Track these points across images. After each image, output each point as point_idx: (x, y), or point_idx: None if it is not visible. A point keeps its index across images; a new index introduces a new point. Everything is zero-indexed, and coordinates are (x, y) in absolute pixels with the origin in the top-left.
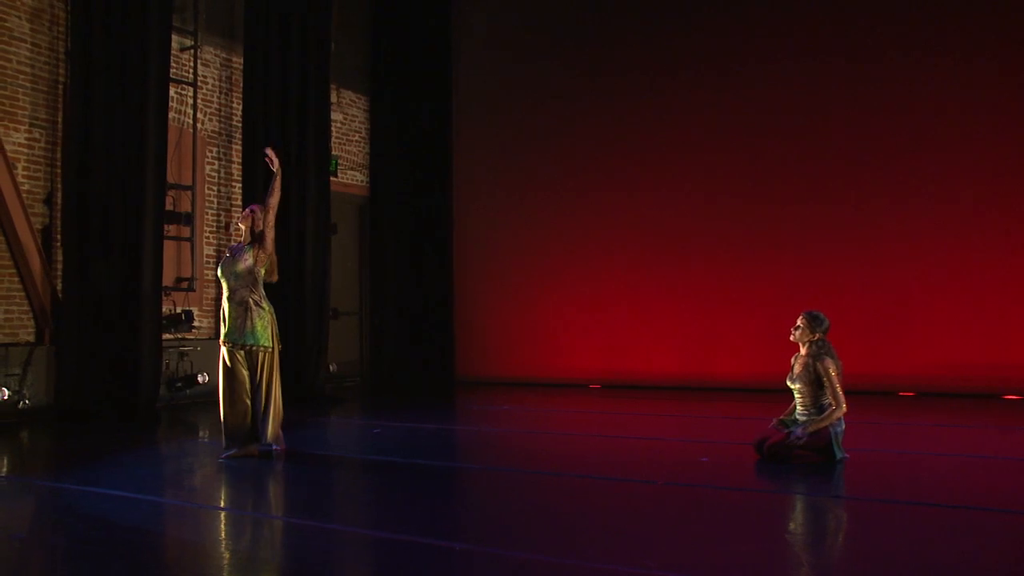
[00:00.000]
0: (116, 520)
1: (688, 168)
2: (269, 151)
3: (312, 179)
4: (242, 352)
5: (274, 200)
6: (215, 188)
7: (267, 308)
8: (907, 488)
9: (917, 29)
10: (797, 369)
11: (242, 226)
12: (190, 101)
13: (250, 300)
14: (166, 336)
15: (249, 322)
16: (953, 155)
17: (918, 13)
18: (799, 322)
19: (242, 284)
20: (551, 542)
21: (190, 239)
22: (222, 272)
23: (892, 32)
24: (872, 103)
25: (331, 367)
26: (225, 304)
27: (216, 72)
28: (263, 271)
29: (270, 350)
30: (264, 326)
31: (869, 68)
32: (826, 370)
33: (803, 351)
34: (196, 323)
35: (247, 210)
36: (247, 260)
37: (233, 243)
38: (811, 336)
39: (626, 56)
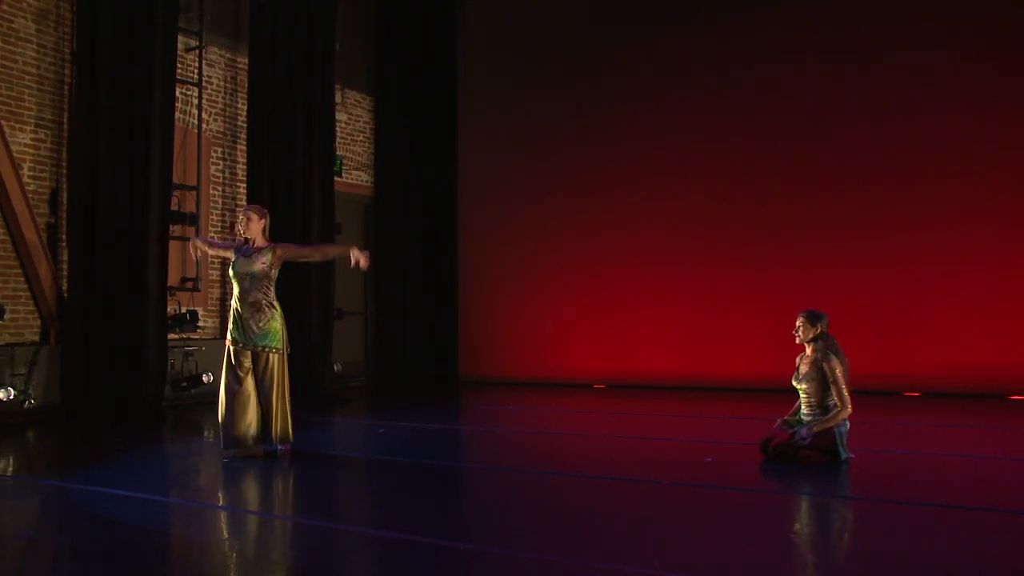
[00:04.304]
0: (122, 520)
1: (693, 169)
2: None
3: (317, 179)
4: (250, 353)
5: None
6: (220, 188)
7: (278, 310)
8: (912, 488)
9: (923, 29)
10: (803, 369)
11: (254, 227)
12: (195, 101)
13: (264, 301)
14: (171, 336)
15: (262, 323)
16: (961, 154)
17: (923, 13)
18: (798, 322)
19: (256, 286)
20: (556, 542)
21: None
22: (234, 272)
23: (896, 33)
24: (878, 105)
25: (336, 367)
26: (236, 304)
27: (221, 72)
28: (276, 273)
29: (281, 352)
30: (276, 328)
31: (876, 69)
32: (832, 371)
33: (808, 351)
34: (201, 323)
35: (258, 210)
36: (264, 262)
37: (239, 241)
38: (814, 331)
39: (631, 58)
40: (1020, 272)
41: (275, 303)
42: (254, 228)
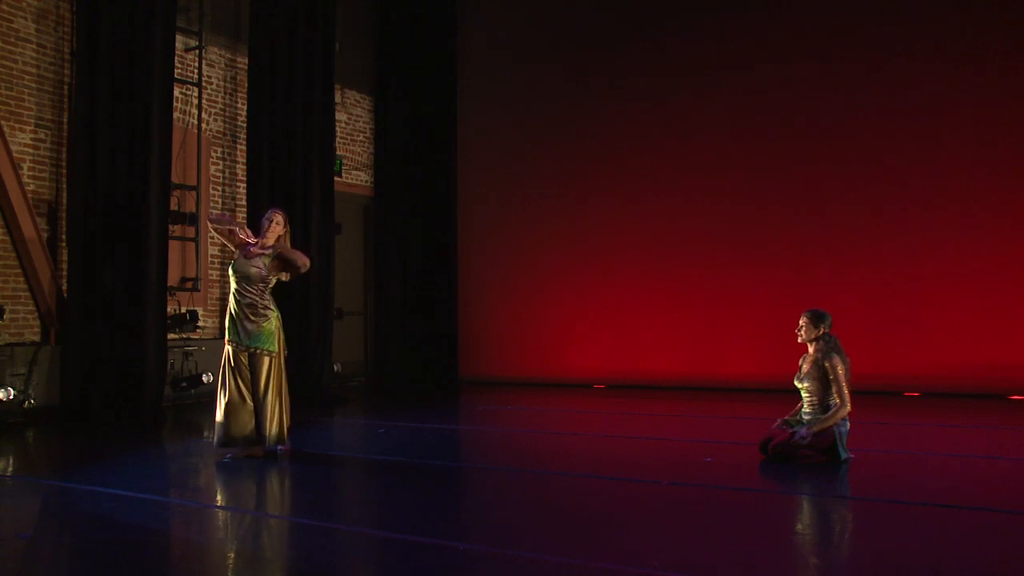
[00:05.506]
0: (121, 519)
1: (693, 169)
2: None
3: (316, 179)
4: (245, 354)
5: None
6: (220, 188)
7: (274, 312)
8: (912, 488)
9: (924, 30)
10: (805, 368)
11: (274, 231)
12: (195, 101)
13: (259, 303)
14: (171, 336)
15: (256, 325)
16: (961, 154)
17: (925, 15)
18: (801, 321)
19: (252, 288)
20: (556, 542)
21: (195, 239)
22: (234, 270)
23: (895, 34)
24: (878, 105)
25: (336, 367)
26: (232, 304)
27: (221, 72)
28: (275, 279)
29: (275, 354)
30: (271, 331)
31: (874, 70)
32: (833, 368)
33: (811, 350)
34: (201, 323)
35: (285, 218)
36: (259, 267)
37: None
38: (816, 331)
39: (631, 60)
40: (1020, 272)
41: (271, 305)
42: (274, 232)
